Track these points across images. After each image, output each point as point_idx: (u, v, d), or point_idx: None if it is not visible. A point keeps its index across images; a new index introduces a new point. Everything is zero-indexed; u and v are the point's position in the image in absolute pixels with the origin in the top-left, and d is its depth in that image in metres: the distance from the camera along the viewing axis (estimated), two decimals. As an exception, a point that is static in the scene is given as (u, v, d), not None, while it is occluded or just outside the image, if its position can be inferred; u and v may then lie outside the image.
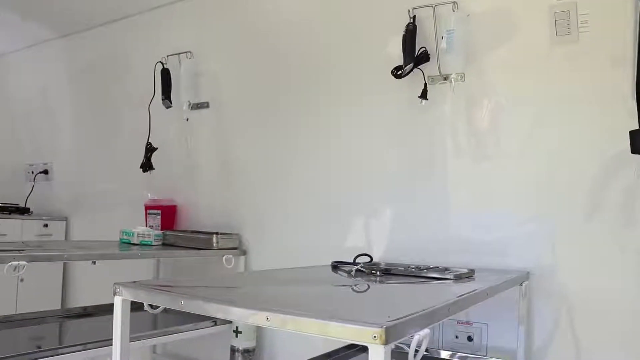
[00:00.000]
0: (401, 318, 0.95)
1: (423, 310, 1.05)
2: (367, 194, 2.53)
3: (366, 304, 1.26)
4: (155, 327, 2.91)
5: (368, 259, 2.17)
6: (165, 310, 3.07)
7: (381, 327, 0.88)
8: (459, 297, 1.27)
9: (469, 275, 1.84)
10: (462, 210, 2.29)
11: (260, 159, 2.88)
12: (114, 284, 1.24)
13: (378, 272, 1.90)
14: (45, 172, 4.25)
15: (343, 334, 0.93)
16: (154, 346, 3.28)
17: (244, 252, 2.87)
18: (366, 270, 1.93)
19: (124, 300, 1.23)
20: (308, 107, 2.72)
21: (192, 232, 2.90)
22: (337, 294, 1.36)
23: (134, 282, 1.27)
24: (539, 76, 2.13)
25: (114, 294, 1.24)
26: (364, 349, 2.38)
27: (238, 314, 1.03)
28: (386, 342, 0.88)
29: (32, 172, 4.34)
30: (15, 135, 4.44)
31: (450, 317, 1.19)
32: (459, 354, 2.21)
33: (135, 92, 3.40)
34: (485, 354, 2.20)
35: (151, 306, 1.29)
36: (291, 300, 1.21)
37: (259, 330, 2.77)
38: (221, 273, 2.79)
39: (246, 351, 2.69)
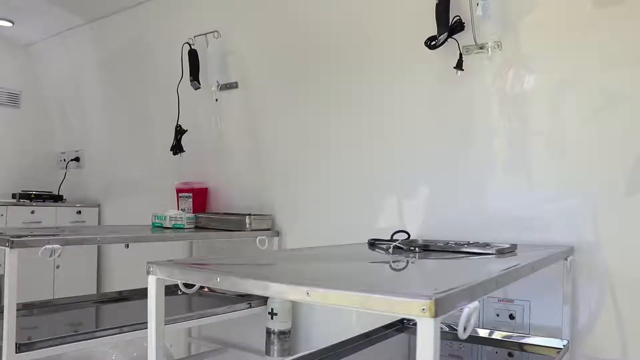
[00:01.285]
0: (450, 290, 0.89)
1: (471, 282, 0.99)
2: (402, 171, 2.46)
3: (408, 278, 1.20)
4: (190, 311, 2.90)
5: (405, 236, 2.11)
6: (200, 294, 3.09)
7: (430, 298, 0.83)
8: (506, 270, 1.21)
9: (511, 250, 1.77)
10: (500, 185, 2.21)
11: (291, 138, 2.83)
12: (148, 262, 1.21)
13: (416, 249, 1.85)
14: (77, 159, 4.27)
15: (388, 307, 0.87)
16: (189, 329, 3.28)
17: (277, 233, 2.83)
18: (404, 247, 1.87)
19: (158, 279, 1.20)
20: (339, 84, 2.66)
21: (225, 214, 2.87)
22: (376, 270, 1.31)
23: (168, 260, 1.23)
24: (580, 41, 2.03)
25: (148, 273, 1.20)
26: (402, 329, 2.33)
27: (276, 290, 0.98)
28: (436, 315, 0.83)
29: (64, 160, 4.37)
30: (46, 124, 4.46)
31: (490, 295, 1.13)
32: (502, 333, 2.15)
33: (163, 74, 3.37)
34: (528, 332, 2.13)
35: (186, 286, 1.25)
36: (330, 276, 1.16)
37: (294, 312, 2.74)
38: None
39: (282, 333, 2.66)
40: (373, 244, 2.02)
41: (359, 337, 2.10)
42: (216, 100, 3.05)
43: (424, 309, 0.83)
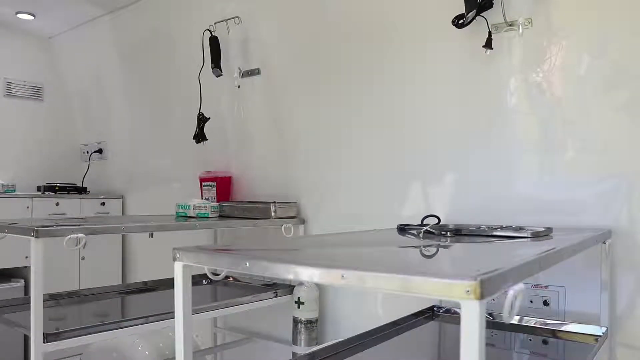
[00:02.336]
0: (495, 271, 0.84)
1: (514, 264, 0.94)
2: (429, 155, 2.40)
3: (445, 261, 1.15)
4: (215, 301, 2.88)
5: (435, 221, 2.05)
6: (225, 284, 3.06)
7: (475, 280, 0.77)
8: (549, 251, 1.15)
9: (546, 233, 1.71)
10: (532, 167, 2.14)
11: (315, 124, 2.78)
12: (173, 248, 1.17)
13: (448, 233, 1.79)
14: (100, 151, 4.27)
15: (429, 289, 0.82)
16: (215, 319, 3.26)
17: (303, 221, 2.79)
18: (435, 232, 1.82)
19: (184, 266, 1.16)
20: (363, 68, 2.60)
21: (249, 202, 2.83)
22: (410, 254, 1.25)
23: (195, 246, 1.19)
24: (614, 16, 1.94)
25: (174, 259, 1.17)
26: (432, 317, 2.27)
27: (309, 274, 0.93)
28: (481, 297, 0.78)
29: (87, 152, 4.37)
30: (69, 116, 4.47)
31: (524, 281, 1.07)
32: (536, 319, 2.08)
33: (184, 62, 3.34)
34: (563, 319, 2.07)
35: (213, 273, 1.21)
36: (363, 259, 1.11)
37: (320, 301, 2.70)
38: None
39: (309, 322, 2.62)
40: (403, 229, 1.96)
41: (388, 325, 2.06)
42: (238, 87, 3.01)
43: (468, 291, 0.78)
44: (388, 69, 2.51)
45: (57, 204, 3.75)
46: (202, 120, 2.92)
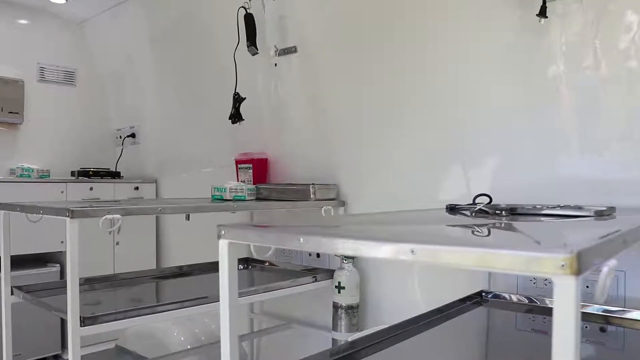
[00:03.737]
0: (591, 244, 0.73)
1: (604, 238, 0.83)
2: (473, 133, 2.28)
3: (521, 236, 1.04)
4: (251, 286, 2.81)
5: (487, 200, 1.94)
6: (261, 268, 2.99)
7: (571, 252, 0.67)
8: (633, 227, 1.04)
9: (609, 212, 1.59)
10: (584, 146, 2.00)
11: (355, 103, 2.68)
12: (218, 225, 1.08)
13: (503, 212, 1.68)
14: (133, 135, 4.23)
15: (514, 264, 0.72)
16: (251, 305, 3.19)
17: (343, 203, 2.70)
18: (489, 211, 1.71)
19: (230, 244, 1.07)
20: (405, 44, 2.48)
21: (287, 184, 2.75)
22: (475, 231, 1.15)
23: (241, 223, 1.10)
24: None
25: (219, 237, 1.08)
26: (479, 302, 2.16)
27: (372, 249, 0.84)
28: (578, 272, 0.68)
29: (120, 137, 4.33)
30: (102, 101, 4.43)
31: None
32: (592, 306, 1.96)
33: (218, 42, 3.25)
34: (623, 306, 1.94)
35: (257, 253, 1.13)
36: (430, 234, 1.02)
37: (362, 286, 2.61)
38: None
39: (350, 307, 2.54)
40: (453, 208, 1.86)
41: (433, 311, 1.97)
42: (275, 65, 2.92)
43: (562, 265, 0.68)
44: (431, 46, 2.39)
45: (91, 188, 3.73)
46: (238, 100, 2.83)
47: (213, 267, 2.92)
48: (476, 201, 1.89)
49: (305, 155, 2.91)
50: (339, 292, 2.53)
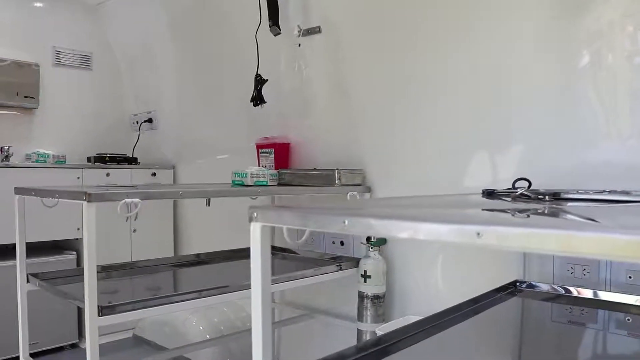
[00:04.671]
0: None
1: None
2: (505, 117, 2.16)
3: (587, 221, 0.93)
4: (273, 274, 2.73)
5: (526, 184, 1.82)
6: (282, 256, 2.90)
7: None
8: None
9: (660, 197, 1.47)
10: (622, 131, 1.88)
11: (382, 85, 2.56)
12: (250, 207, 0.98)
13: (546, 197, 1.57)
14: (150, 120, 4.14)
15: (605, 248, 0.61)
16: (272, 294, 3.10)
17: (369, 189, 2.59)
18: (532, 195, 1.60)
19: (263, 227, 0.97)
20: (435, 24, 2.35)
21: (311, 169, 2.64)
22: (533, 214, 1.04)
23: (274, 205, 1.00)
24: None
25: (250, 220, 0.98)
26: (513, 293, 2.04)
27: (432, 231, 0.73)
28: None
29: (137, 122, 4.25)
30: (118, 85, 4.34)
31: None
32: (636, 297, 1.85)
33: (239, 22, 3.13)
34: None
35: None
36: (493, 217, 0.91)
37: (388, 275, 2.51)
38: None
39: (376, 297, 2.44)
40: (491, 193, 1.75)
41: (467, 302, 1.86)
42: (299, 45, 2.80)
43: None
44: (463, 25, 2.26)
45: (108, 174, 3.65)
46: (260, 82, 2.73)
47: (232, 255, 2.85)
48: (516, 185, 1.78)
49: (328, 139, 2.80)
50: (365, 281, 2.44)
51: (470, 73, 2.25)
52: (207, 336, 3.14)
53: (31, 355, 2.29)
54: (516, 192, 1.65)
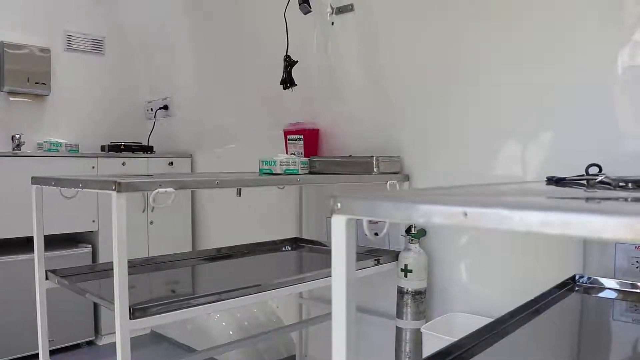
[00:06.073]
0: None
1: None
2: (560, 99, 1.98)
3: None
4: (301, 268, 2.57)
5: (597, 170, 1.65)
6: (310, 249, 2.73)
7: None
8: None
9: None
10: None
11: (419, 65, 2.38)
12: (332, 196, 0.82)
13: (629, 185, 1.39)
14: (165, 107, 3.98)
15: None
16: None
17: (407, 177, 2.42)
18: (612, 182, 1.42)
19: (348, 221, 0.80)
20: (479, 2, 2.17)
21: (345, 157, 2.48)
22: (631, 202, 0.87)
23: (363, 193, 0.84)
24: None
25: (332, 211, 0.81)
26: (572, 289, 1.86)
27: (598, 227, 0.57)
28: None
29: (152, 110, 4.09)
30: (132, 71, 4.16)
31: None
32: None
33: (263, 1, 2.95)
34: None
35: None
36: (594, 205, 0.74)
37: (430, 270, 2.35)
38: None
39: (417, 293, 2.28)
40: (559, 180, 1.57)
41: (529, 303, 1.70)
42: (332, 23, 2.62)
43: None
44: (516, 1, 2.08)
45: (124, 163, 3.49)
46: (289, 63, 2.55)
47: (254, 248, 2.71)
48: (589, 172, 1.61)
49: (362, 125, 2.62)
50: (405, 275, 2.27)
51: (520, 50, 2.07)
52: (230, 332, 2.99)
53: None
54: (593, 179, 1.48)
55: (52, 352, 3.09)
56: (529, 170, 2.05)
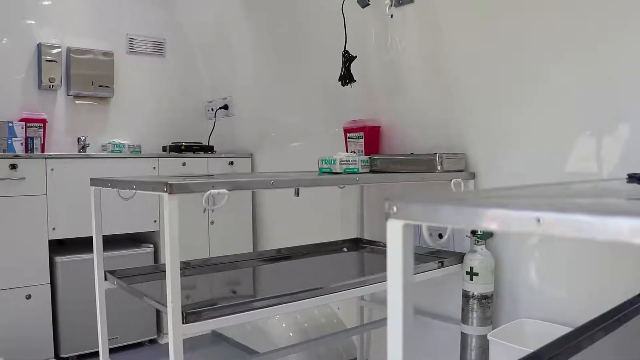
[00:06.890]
0: None
1: None
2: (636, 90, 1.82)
3: None
4: (362, 270, 2.49)
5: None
6: (372, 250, 2.65)
7: None
8: None
9: None
10: None
11: (485, 58, 2.26)
12: (386, 200, 0.74)
13: None
14: (225, 107, 3.97)
15: None
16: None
17: (473, 175, 2.30)
18: None
19: (405, 226, 0.72)
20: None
21: (406, 154, 2.38)
22: None
23: (423, 196, 0.76)
24: None
25: (388, 216, 0.73)
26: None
27: None
28: None
29: (212, 109, 4.09)
30: (192, 72, 4.18)
31: None
32: None
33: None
34: None
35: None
36: None
37: (497, 273, 2.23)
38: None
39: (483, 297, 2.16)
40: (646, 179, 1.43)
41: (610, 312, 1.57)
42: (391, 16, 2.52)
43: None
44: None
45: (184, 163, 3.50)
46: (348, 59, 2.47)
47: (315, 249, 2.67)
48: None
49: (424, 122, 2.52)
50: (471, 279, 2.16)
51: (592, 40, 1.92)
52: (291, 334, 2.94)
53: (110, 350, 2.16)
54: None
55: (116, 350, 3.13)
56: (605, 167, 1.91)
